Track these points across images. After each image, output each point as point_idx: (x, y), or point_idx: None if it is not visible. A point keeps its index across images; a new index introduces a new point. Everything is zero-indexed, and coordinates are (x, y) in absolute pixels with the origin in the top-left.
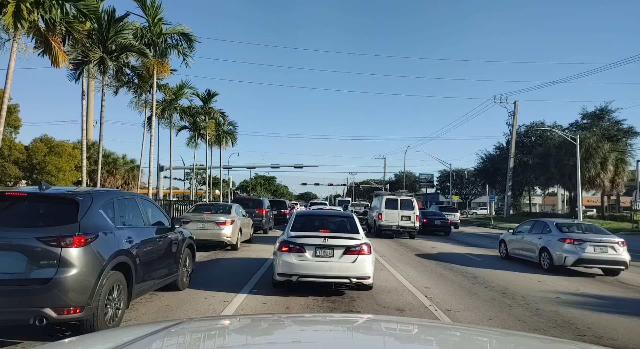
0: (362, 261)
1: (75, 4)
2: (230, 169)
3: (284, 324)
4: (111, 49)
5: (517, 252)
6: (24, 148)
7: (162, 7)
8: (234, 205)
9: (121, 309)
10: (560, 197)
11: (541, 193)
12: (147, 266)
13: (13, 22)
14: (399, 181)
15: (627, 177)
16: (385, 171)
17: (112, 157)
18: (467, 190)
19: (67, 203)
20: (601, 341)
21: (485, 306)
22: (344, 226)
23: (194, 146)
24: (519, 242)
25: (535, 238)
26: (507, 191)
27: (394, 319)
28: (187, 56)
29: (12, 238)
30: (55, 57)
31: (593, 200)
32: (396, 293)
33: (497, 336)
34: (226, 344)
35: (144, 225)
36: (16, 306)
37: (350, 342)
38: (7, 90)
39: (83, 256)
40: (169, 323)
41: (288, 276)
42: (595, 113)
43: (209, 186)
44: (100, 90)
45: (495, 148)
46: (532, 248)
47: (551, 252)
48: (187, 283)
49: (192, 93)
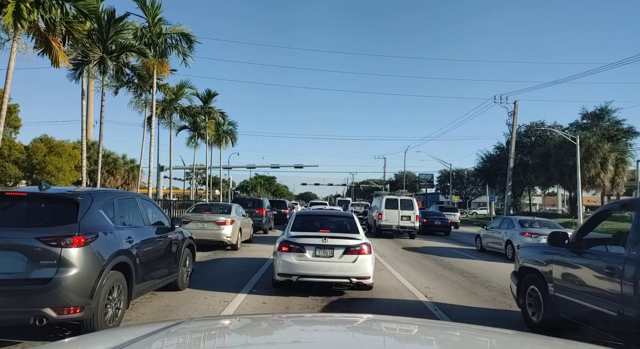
0: (362, 261)
1: (75, 4)
2: (230, 169)
3: (284, 324)
4: (111, 49)
5: (489, 245)
6: (24, 148)
7: (162, 7)
8: (234, 205)
9: (121, 309)
10: (560, 197)
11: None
12: (147, 266)
13: (13, 22)
14: (399, 181)
15: (627, 177)
16: (385, 171)
17: (112, 157)
18: (467, 190)
19: (67, 203)
20: (601, 341)
21: (486, 306)
22: (344, 226)
23: (194, 146)
24: (490, 237)
25: (502, 232)
26: (507, 191)
27: (394, 319)
28: (187, 56)
29: (12, 238)
30: (55, 57)
31: (593, 200)
32: (396, 293)
33: (497, 336)
34: (226, 344)
35: (144, 225)
36: (16, 306)
37: (350, 342)
38: (7, 90)
39: (83, 256)
40: (169, 323)
41: (288, 276)
42: (595, 113)
43: (209, 186)
44: (100, 90)
45: (495, 148)
46: (499, 241)
47: (513, 244)
48: (187, 283)
49: (192, 93)
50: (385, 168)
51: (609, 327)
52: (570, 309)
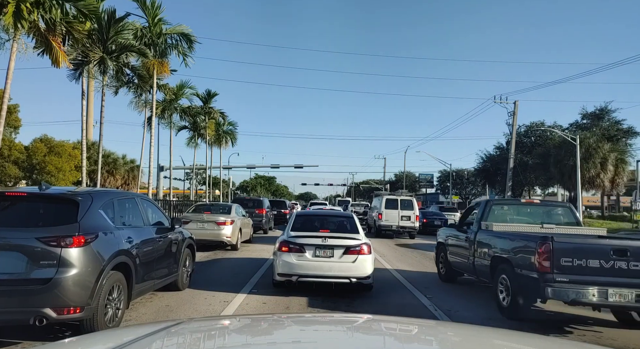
0: (362, 261)
1: (75, 4)
2: (230, 169)
3: (284, 324)
4: (111, 49)
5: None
6: (24, 148)
7: (162, 8)
8: (234, 205)
9: (121, 309)
10: (560, 197)
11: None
12: (147, 266)
13: (13, 22)
14: (399, 182)
15: (627, 177)
16: (385, 171)
17: (112, 157)
18: (467, 190)
19: (67, 203)
20: (601, 341)
21: (485, 306)
22: (344, 226)
23: (194, 146)
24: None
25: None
26: (507, 191)
27: (393, 319)
28: (187, 56)
29: (12, 238)
30: (55, 57)
31: (593, 200)
32: (396, 293)
33: (497, 336)
34: (226, 344)
35: (144, 225)
36: (16, 306)
37: (350, 342)
38: (7, 90)
39: (83, 256)
40: (169, 323)
41: (288, 276)
42: (595, 113)
43: (209, 187)
44: (100, 90)
45: (495, 148)
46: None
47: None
48: (187, 283)
49: (192, 93)
50: (385, 168)
51: (468, 271)
52: (455, 264)
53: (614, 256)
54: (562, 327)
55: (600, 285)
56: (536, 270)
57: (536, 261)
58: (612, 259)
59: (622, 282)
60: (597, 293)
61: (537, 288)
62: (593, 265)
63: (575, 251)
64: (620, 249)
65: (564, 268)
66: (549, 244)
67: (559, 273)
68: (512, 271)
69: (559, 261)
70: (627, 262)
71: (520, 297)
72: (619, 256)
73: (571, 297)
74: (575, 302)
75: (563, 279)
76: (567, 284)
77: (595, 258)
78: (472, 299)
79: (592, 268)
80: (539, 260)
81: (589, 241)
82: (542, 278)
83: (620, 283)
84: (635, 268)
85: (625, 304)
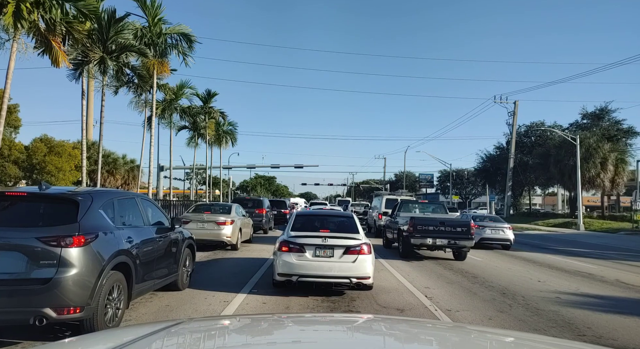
0: (362, 261)
1: (75, 4)
2: (230, 169)
3: (284, 324)
4: (111, 49)
5: None
6: (24, 148)
7: (162, 7)
8: (234, 205)
9: (121, 309)
10: (560, 197)
11: (541, 193)
12: (147, 266)
13: (13, 22)
14: (399, 181)
15: (627, 177)
16: (385, 171)
17: (112, 157)
18: (467, 190)
19: (67, 203)
20: (601, 341)
21: (485, 306)
22: (344, 226)
23: (194, 146)
24: None
25: None
26: (507, 191)
27: (394, 319)
28: (187, 56)
29: (12, 238)
30: (55, 57)
31: (593, 199)
32: (396, 293)
33: (497, 336)
34: (226, 344)
35: (144, 225)
36: (16, 306)
37: (350, 342)
38: (7, 90)
39: (83, 256)
40: (169, 323)
41: (288, 276)
42: (595, 113)
43: (209, 187)
44: (100, 90)
45: (495, 148)
46: None
47: None
48: (187, 283)
49: (192, 93)
50: (385, 168)
51: (394, 242)
52: (390, 239)
53: (439, 225)
54: (562, 327)
55: (433, 237)
56: (409, 232)
57: (408, 228)
58: (438, 226)
59: (442, 235)
60: (431, 241)
61: (409, 240)
62: (430, 229)
63: (423, 222)
64: (441, 221)
65: (418, 230)
66: (412, 220)
67: (415, 232)
68: (401, 233)
69: (416, 228)
70: (444, 227)
71: (404, 245)
72: (441, 225)
73: (420, 242)
74: (422, 245)
75: (418, 235)
76: (419, 238)
77: (431, 226)
78: (472, 299)
79: (430, 230)
80: (409, 227)
81: (428, 218)
82: (410, 235)
83: (441, 236)
84: (448, 229)
85: (443, 245)
